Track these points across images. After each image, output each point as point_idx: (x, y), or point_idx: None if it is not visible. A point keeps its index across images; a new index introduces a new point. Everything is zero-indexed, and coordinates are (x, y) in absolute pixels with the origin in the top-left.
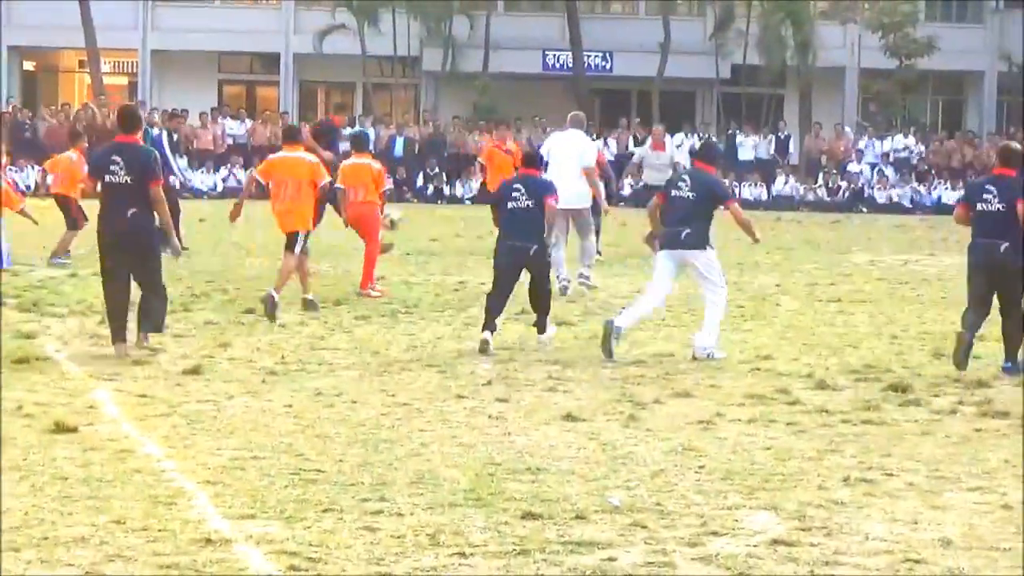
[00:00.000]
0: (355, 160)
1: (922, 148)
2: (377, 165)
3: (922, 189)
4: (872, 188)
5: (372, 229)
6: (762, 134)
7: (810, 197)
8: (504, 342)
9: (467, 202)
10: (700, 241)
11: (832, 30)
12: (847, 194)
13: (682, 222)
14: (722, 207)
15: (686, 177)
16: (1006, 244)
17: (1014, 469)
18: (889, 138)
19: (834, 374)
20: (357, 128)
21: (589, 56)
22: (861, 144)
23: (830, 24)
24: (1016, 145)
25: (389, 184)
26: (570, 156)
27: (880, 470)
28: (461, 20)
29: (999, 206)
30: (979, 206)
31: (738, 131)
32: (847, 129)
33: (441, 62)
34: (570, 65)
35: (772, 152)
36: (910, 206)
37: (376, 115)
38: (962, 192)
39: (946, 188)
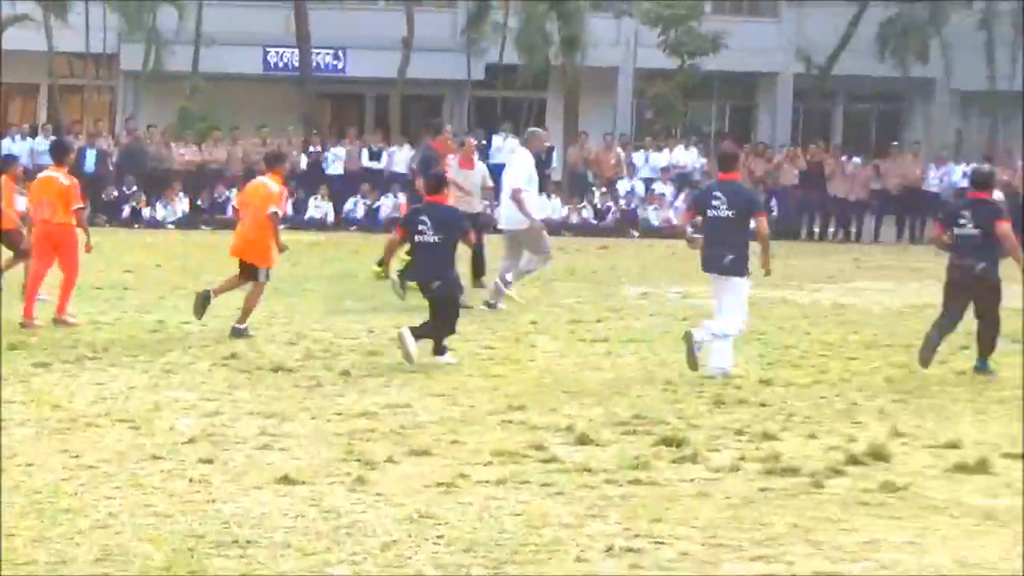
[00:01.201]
0: (47, 173)
1: (704, 161)
2: (68, 179)
3: None
4: (646, 208)
5: (69, 254)
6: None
7: (574, 219)
8: (211, 391)
9: (170, 226)
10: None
11: (605, 24)
12: (617, 216)
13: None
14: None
15: (719, 194)
16: (983, 264)
17: (804, 534)
18: (667, 150)
19: (598, 426)
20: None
21: (319, 54)
22: (635, 157)
23: (602, 17)
24: (987, 168)
25: (82, 203)
26: (506, 176)
27: (649, 538)
28: (167, 11)
29: (974, 231)
30: (956, 230)
31: (507, 135)
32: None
33: (143, 60)
34: (296, 64)
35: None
36: (690, 229)
37: (64, 123)
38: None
39: None
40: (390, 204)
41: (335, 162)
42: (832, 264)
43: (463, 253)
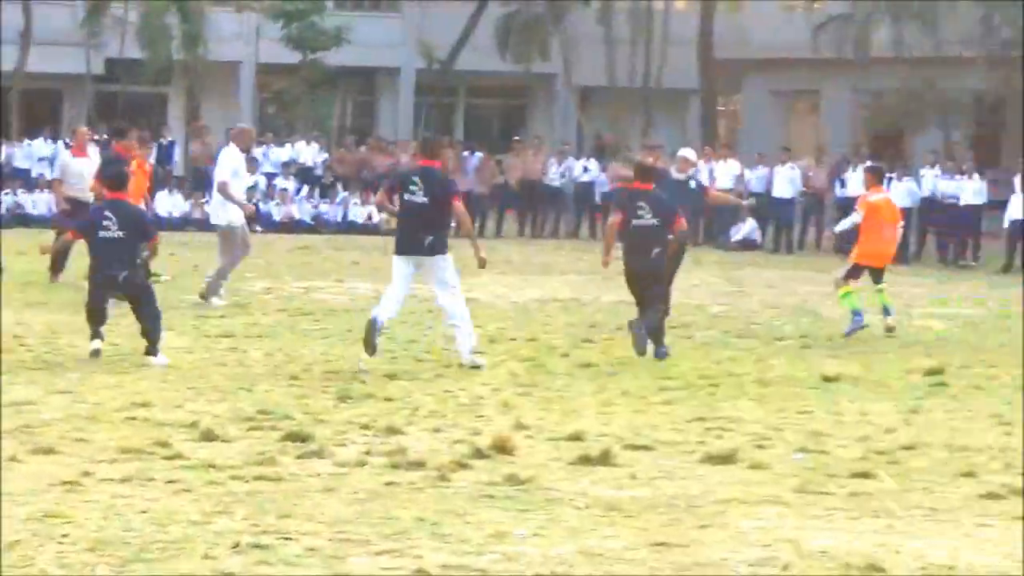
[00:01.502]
0: None
1: (327, 156)
2: None
3: (326, 205)
4: (268, 203)
5: None
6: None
7: (197, 215)
8: None
9: None
10: None
11: (227, 18)
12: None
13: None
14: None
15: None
16: (657, 250)
17: (430, 527)
18: (290, 145)
19: (224, 422)
20: None
21: None
22: (258, 152)
23: (224, 11)
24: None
25: None
26: (215, 172)
27: (277, 533)
28: None
29: (653, 221)
30: (633, 222)
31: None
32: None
33: None
34: None
35: (152, 162)
36: (313, 224)
37: None
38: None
39: (355, 203)
40: (11, 202)
41: None
42: (456, 259)
43: None
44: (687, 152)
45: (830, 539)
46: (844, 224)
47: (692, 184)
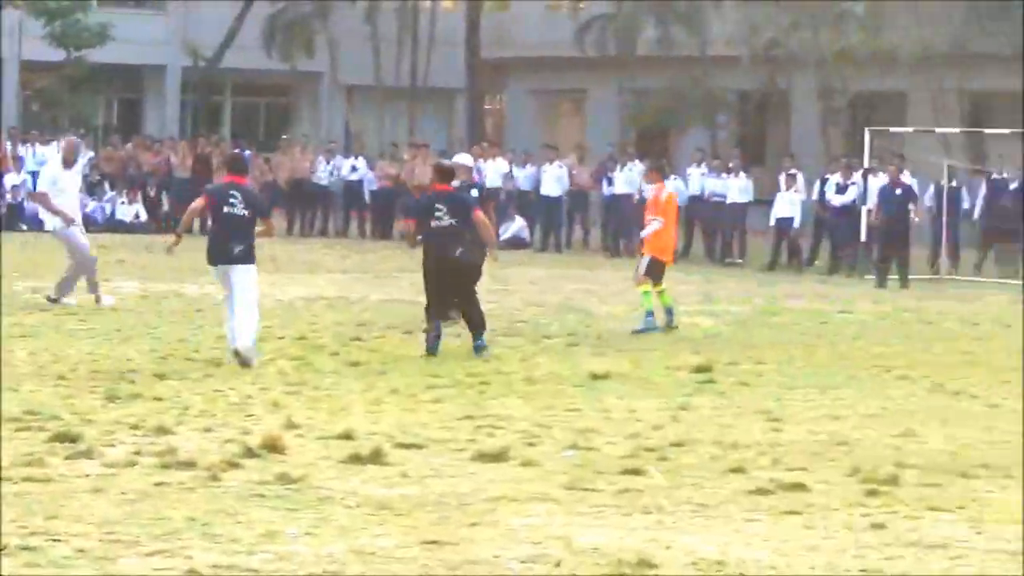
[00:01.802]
0: None
1: (93, 154)
2: None
3: (93, 203)
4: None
5: None
6: None
7: None
8: None
9: None
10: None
11: None
12: (3, 210)
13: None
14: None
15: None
16: (460, 249)
17: (201, 528)
18: (55, 143)
19: None
20: None
21: None
22: (24, 150)
23: None
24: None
25: None
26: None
27: (45, 535)
28: None
29: (451, 221)
30: (433, 223)
31: None
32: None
33: None
34: None
35: None
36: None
37: None
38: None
39: (122, 202)
40: None
41: None
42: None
43: None
44: (464, 158)
45: (601, 536)
46: (653, 227)
47: (474, 192)
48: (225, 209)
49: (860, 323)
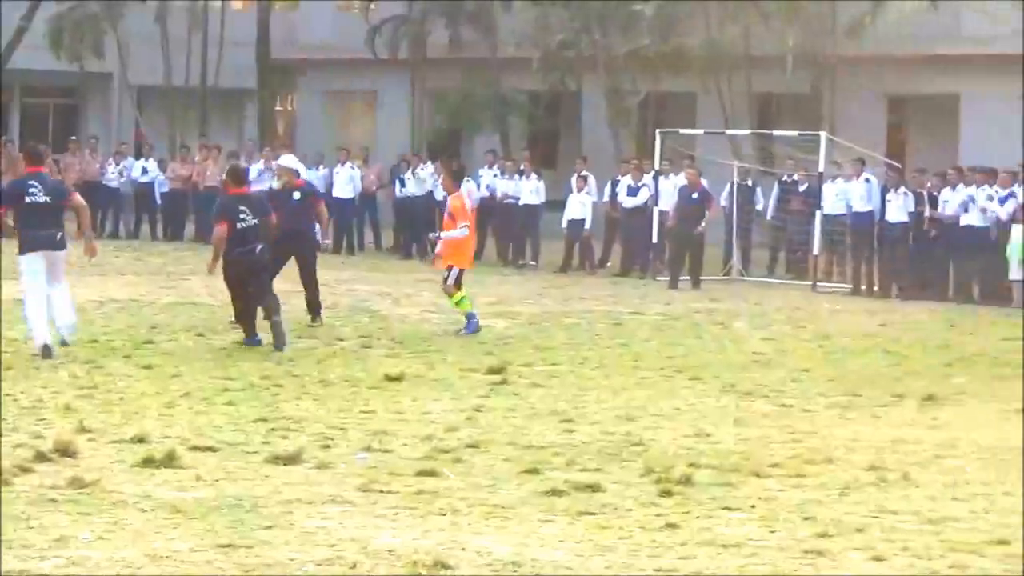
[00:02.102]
0: None
1: None
2: None
3: None
4: None
5: None
6: None
7: None
8: None
9: None
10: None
11: None
12: None
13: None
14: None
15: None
16: (260, 246)
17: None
18: None
19: None
20: None
21: None
22: None
23: None
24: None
25: None
26: None
27: None
28: None
29: (254, 222)
30: (238, 225)
31: None
32: None
33: None
34: None
35: None
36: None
37: None
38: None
39: None
40: None
41: None
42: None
43: None
44: (288, 160)
45: (396, 537)
46: (456, 233)
47: (296, 195)
48: (27, 199)
49: (652, 324)
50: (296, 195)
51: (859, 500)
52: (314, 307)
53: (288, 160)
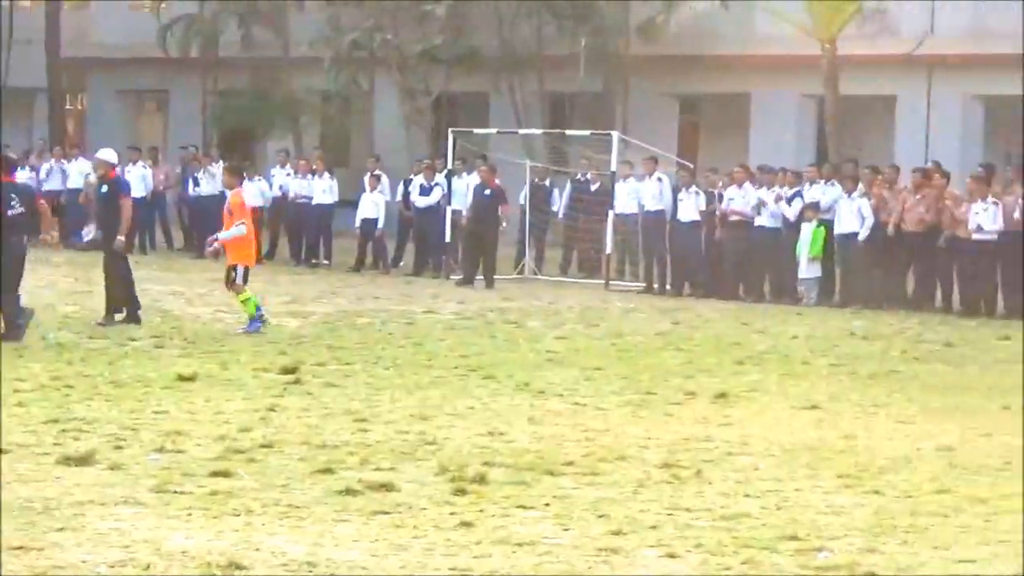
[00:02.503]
0: None
1: None
2: None
3: None
4: None
5: None
6: None
7: None
8: None
9: None
10: None
11: None
12: None
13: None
14: None
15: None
16: (27, 237)
17: None
18: None
19: None
20: None
21: None
22: None
23: None
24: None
25: None
26: None
27: None
28: None
29: (21, 210)
30: (9, 213)
31: None
32: None
33: None
34: None
35: None
36: None
37: None
38: None
39: None
40: None
41: None
42: None
43: None
44: (106, 154)
45: (190, 538)
46: (234, 232)
47: (104, 188)
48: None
49: (446, 324)
50: (104, 188)
51: (652, 497)
52: (112, 304)
53: (105, 153)
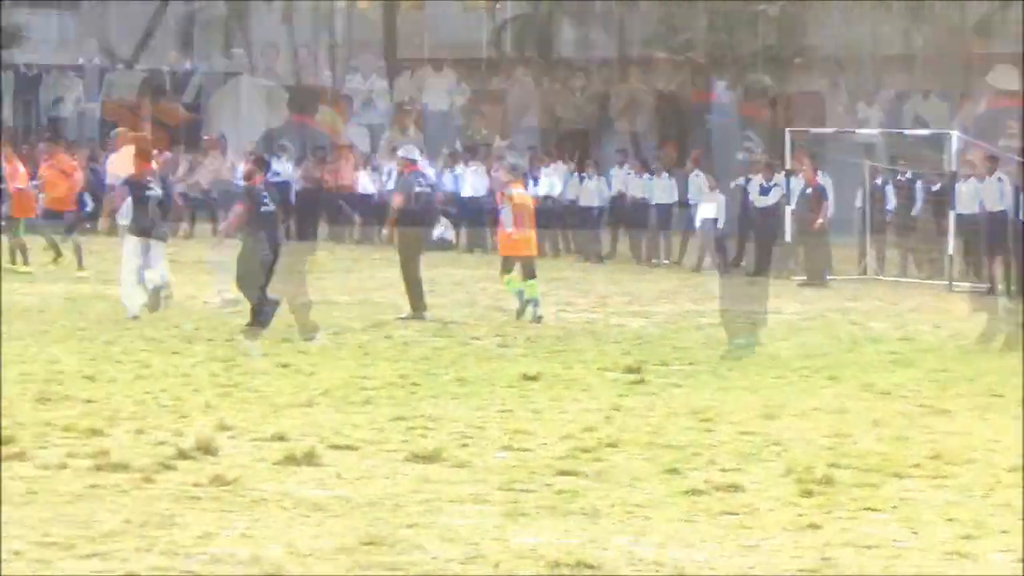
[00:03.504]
0: None
1: None
2: None
3: None
4: None
5: None
6: None
7: None
8: None
9: None
10: None
11: None
12: None
13: None
14: None
15: None
16: None
17: (137, 529)
18: None
19: None
20: None
21: None
22: None
23: None
24: None
25: None
26: None
27: None
28: None
29: None
30: None
31: None
32: None
33: None
34: None
35: None
36: None
37: None
38: None
39: None
40: None
41: None
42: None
43: None
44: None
45: (537, 537)
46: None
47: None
48: None
49: (788, 325)
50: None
51: (1003, 502)
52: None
53: (406, 150)
